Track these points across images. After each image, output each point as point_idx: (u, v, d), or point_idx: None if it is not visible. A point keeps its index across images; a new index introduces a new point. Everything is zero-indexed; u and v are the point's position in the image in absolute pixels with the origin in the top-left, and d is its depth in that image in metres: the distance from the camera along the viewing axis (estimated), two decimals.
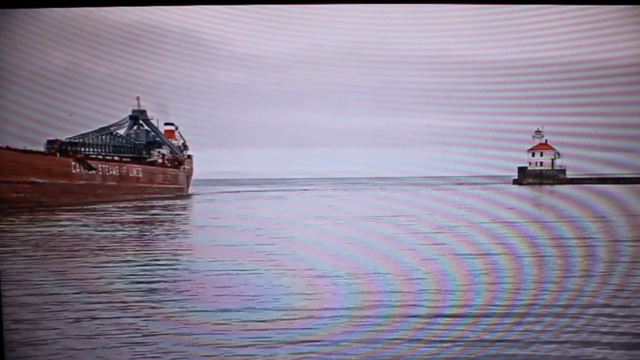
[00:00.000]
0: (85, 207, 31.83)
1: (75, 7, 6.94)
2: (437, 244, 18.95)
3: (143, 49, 21.87)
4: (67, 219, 26.46)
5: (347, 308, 11.16)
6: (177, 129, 43.05)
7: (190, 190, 45.10)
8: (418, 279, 13.88)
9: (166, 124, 42.08)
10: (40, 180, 30.54)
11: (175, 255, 17.50)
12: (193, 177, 44.93)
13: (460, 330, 9.70)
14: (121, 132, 39.79)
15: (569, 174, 45.91)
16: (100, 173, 35.63)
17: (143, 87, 28.96)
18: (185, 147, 43.95)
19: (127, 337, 9.45)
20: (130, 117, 40.13)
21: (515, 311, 10.77)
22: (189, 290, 12.65)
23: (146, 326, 10.07)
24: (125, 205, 34.36)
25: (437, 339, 9.30)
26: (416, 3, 14.23)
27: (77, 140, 35.36)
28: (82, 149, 35.66)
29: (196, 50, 25.17)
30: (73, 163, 33.78)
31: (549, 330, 9.64)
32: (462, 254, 16.63)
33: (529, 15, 16.29)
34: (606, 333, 9.40)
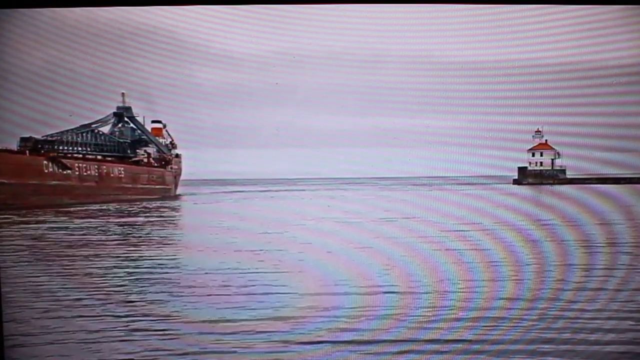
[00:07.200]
0: (59, 209, 29.64)
1: (74, 7, 6.91)
2: (436, 245, 18.93)
3: (142, 49, 21.85)
4: (36, 222, 25.26)
5: (348, 308, 11.13)
6: (165, 126, 41.26)
7: (186, 190, 43.56)
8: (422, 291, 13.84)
9: (153, 121, 40.37)
10: (6, 181, 28.23)
11: (168, 257, 17.44)
12: (182, 176, 43.02)
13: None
14: (105, 129, 37.91)
15: (569, 174, 45.90)
16: (77, 173, 33.44)
17: (138, 85, 28.90)
18: (173, 145, 42.06)
19: (125, 338, 9.43)
20: (115, 114, 38.22)
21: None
22: (185, 292, 12.61)
23: (142, 326, 10.03)
24: (105, 207, 32.54)
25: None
26: (417, 3, 14.20)
27: (54, 138, 33.17)
28: (60, 147, 33.53)
29: (194, 50, 25.13)
30: (45, 162, 31.53)
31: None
32: (467, 262, 16.54)
33: (529, 16, 16.26)
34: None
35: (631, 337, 9.27)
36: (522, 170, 47.15)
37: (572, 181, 43.92)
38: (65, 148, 34.25)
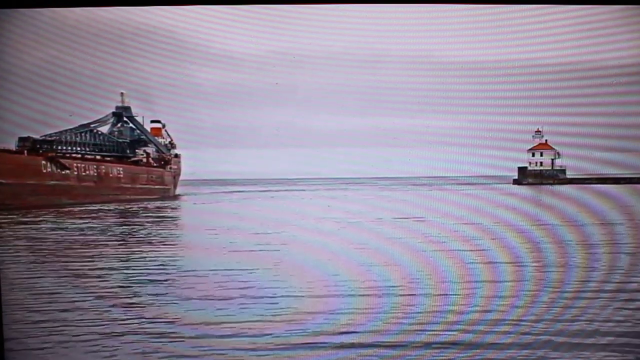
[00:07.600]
0: (59, 209, 29.43)
1: (74, 7, 6.90)
2: (436, 245, 18.93)
3: (142, 49, 21.84)
4: (36, 222, 25.13)
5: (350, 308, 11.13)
6: (164, 126, 41.03)
7: (186, 190, 43.32)
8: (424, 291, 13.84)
9: (152, 121, 40.12)
10: (4, 181, 27.98)
11: (167, 257, 17.43)
12: (182, 176, 42.62)
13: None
14: (104, 129, 37.62)
15: (569, 174, 45.88)
16: (76, 173, 33.27)
17: (137, 85, 28.87)
18: (172, 145, 41.84)
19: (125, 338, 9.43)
20: (114, 114, 38.03)
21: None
22: (185, 293, 12.61)
23: (142, 327, 10.03)
24: (105, 207, 32.34)
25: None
26: (417, 3, 14.19)
27: (52, 138, 32.91)
28: (58, 147, 33.33)
29: (194, 50, 25.13)
30: (43, 162, 31.37)
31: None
32: (468, 262, 16.50)
33: (529, 16, 16.25)
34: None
35: (631, 338, 9.27)
36: (522, 170, 47.12)
37: (572, 181, 43.89)
38: (64, 148, 34.01)
